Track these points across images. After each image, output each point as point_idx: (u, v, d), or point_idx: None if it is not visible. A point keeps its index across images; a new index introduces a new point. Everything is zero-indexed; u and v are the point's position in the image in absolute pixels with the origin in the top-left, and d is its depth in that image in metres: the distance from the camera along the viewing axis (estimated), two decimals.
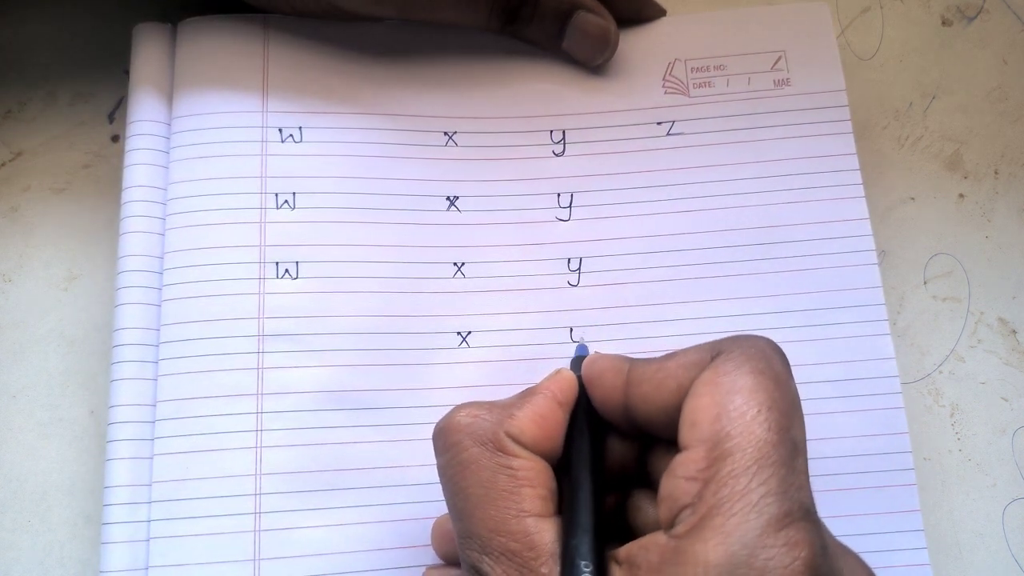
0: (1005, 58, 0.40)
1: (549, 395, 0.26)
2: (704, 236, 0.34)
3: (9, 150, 0.36)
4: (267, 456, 0.31)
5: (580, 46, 0.35)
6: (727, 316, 0.33)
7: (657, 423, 0.24)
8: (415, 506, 0.31)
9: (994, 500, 0.34)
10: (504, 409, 0.25)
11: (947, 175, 0.38)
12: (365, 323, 0.32)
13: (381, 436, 0.31)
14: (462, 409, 0.25)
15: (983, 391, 0.35)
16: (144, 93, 0.34)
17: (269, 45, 0.35)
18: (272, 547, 0.30)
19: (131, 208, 0.33)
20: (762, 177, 0.35)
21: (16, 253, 0.35)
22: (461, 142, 0.34)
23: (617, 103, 0.35)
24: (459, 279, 0.33)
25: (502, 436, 0.24)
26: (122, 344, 0.31)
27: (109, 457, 0.30)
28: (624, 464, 0.26)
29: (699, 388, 0.23)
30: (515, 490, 0.23)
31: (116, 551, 0.29)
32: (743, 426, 0.21)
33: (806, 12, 0.37)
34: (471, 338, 0.33)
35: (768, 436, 0.21)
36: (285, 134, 0.34)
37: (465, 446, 0.24)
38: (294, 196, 0.33)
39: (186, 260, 0.32)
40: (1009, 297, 0.36)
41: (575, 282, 0.33)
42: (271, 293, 0.32)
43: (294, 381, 0.32)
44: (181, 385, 0.31)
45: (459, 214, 0.34)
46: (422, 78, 0.35)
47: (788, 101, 0.35)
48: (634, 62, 0.36)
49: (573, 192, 0.34)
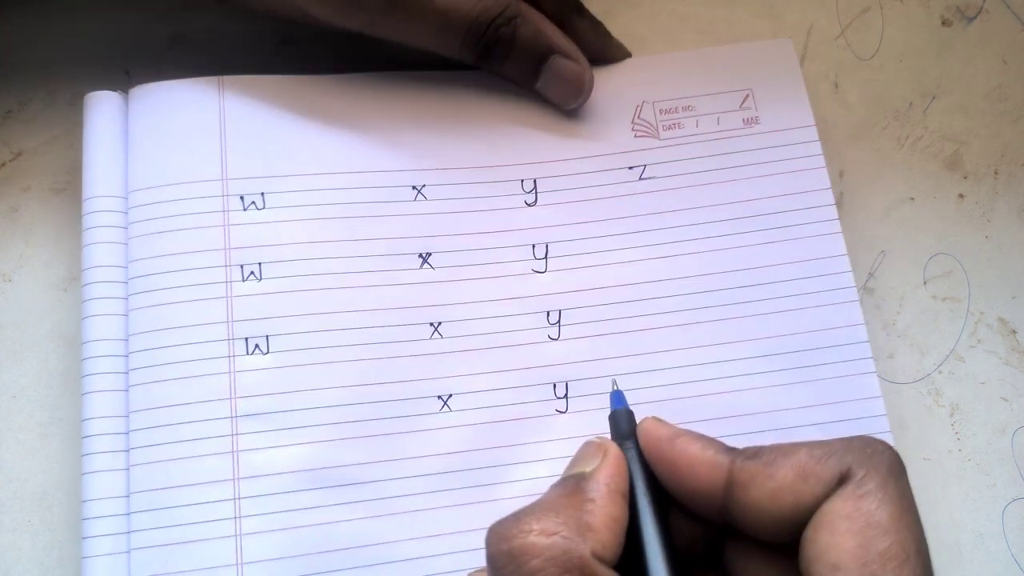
0: (1005, 58, 0.40)
1: (613, 487, 0.22)
2: (682, 282, 0.33)
3: (9, 150, 0.36)
4: (248, 544, 0.30)
5: (554, 89, 0.34)
6: (710, 363, 0.33)
7: (761, 531, 0.22)
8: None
9: (994, 500, 0.34)
10: (574, 518, 0.21)
11: (947, 175, 0.38)
12: (342, 394, 0.31)
13: (366, 512, 0.30)
14: (532, 523, 0.21)
15: (983, 391, 0.35)
16: (98, 167, 0.33)
17: (225, 107, 0.34)
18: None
19: (92, 290, 0.32)
20: (737, 218, 0.34)
21: (16, 253, 0.35)
22: (430, 195, 0.34)
23: (587, 149, 0.35)
24: (436, 340, 0.32)
25: (590, 560, 0.20)
26: (91, 435, 0.30)
27: (85, 555, 0.29)
28: (691, 547, 0.24)
29: (835, 521, 0.20)
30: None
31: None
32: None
33: (771, 49, 0.37)
34: (452, 401, 0.32)
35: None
36: (247, 201, 0.33)
37: (549, 575, 0.20)
38: (260, 266, 0.32)
39: (151, 342, 0.31)
40: (1009, 297, 0.36)
41: (555, 336, 0.33)
42: (242, 371, 0.31)
43: (271, 462, 0.30)
44: (154, 474, 0.30)
45: (432, 271, 0.33)
46: (386, 132, 0.34)
47: (758, 139, 0.35)
48: (602, 105, 0.35)
49: (548, 243, 0.34)
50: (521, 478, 0.31)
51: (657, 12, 0.37)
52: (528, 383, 0.32)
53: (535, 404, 0.32)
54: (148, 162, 0.33)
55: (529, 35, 0.33)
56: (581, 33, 0.35)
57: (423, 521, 0.30)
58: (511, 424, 0.32)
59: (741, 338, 0.33)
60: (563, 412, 0.32)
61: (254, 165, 0.33)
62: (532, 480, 0.31)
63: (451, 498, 0.31)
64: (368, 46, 0.35)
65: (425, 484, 0.31)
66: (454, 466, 0.31)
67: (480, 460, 0.31)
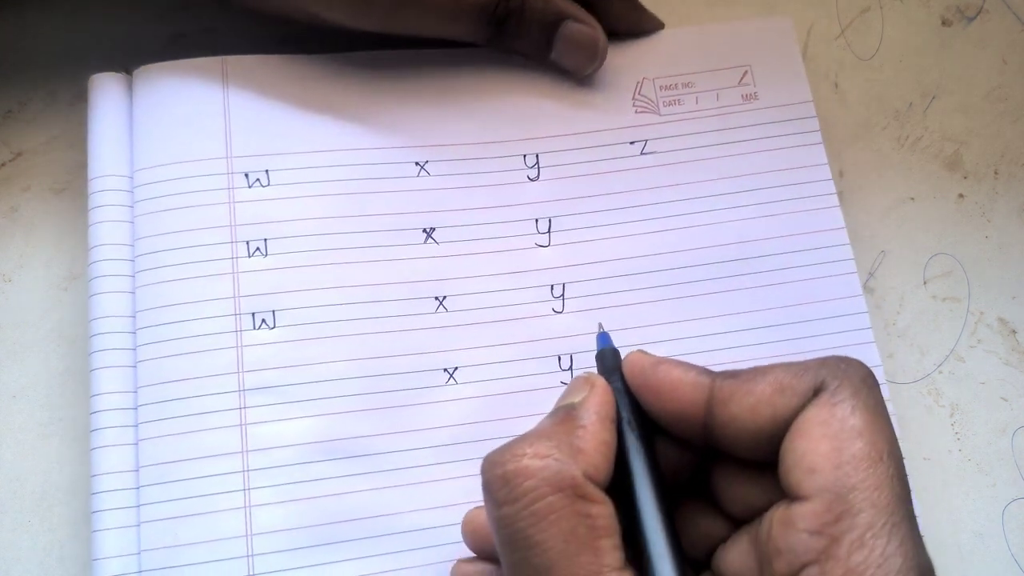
0: (1005, 58, 0.40)
1: (603, 414, 0.23)
2: (683, 255, 0.34)
3: (9, 150, 0.36)
4: (257, 515, 0.30)
5: (569, 56, 0.34)
6: (711, 335, 0.33)
7: (743, 448, 0.23)
8: (415, 553, 0.30)
9: (994, 500, 0.34)
10: (566, 443, 0.22)
11: (947, 175, 0.38)
12: (348, 368, 0.32)
13: (374, 484, 0.31)
14: (525, 448, 0.22)
15: (983, 391, 0.35)
16: (103, 147, 0.33)
17: (229, 87, 0.34)
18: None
19: (99, 268, 0.32)
20: (737, 192, 0.35)
21: (16, 253, 0.35)
22: (434, 171, 0.34)
23: (589, 124, 0.35)
24: (442, 313, 0.33)
25: (581, 480, 0.21)
26: (100, 410, 0.31)
27: (95, 528, 0.30)
28: (677, 473, 0.25)
29: (810, 428, 0.21)
30: (594, 542, 0.21)
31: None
32: (870, 478, 0.20)
33: (770, 27, 0.37)
34: (458, 374, 0.32)
35: (894, 490, 0.20)
36: (252, 178, 0.33)
37: (542, 494, 0.21)
38: (265, 242, 0.32)
39: (159, 318, 0.31)
40: (1009, 297, 0.36)
41: (559, 309, 0.33)
42: (249, 345, 0.31)
43: (279, 435, 0.31)
44: (163, 448, 0.30)
45: (437, 246, 0.33)
46: (389, 109, 0.35)
47: (757, 115, 0.36)
48: (603, 82, 0.36)
49: (551, 217, 0.34)
50: None
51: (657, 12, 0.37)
52: (533, 356, 0.32)
53: (540, 376, 0.32)
54: (153, 141, 0.33)
55: (538, 4, 0.33)
56: (614, 5, 0.35)
57: (430, 492, 0.31)
58: (517, 396, 0.32)
59: (742, 310, 0.33)
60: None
61: (258, 143, 0.33)
62: None
63: (458, 469, 0.31)
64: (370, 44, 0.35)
65: (432, 455, 0.31)
66: (461, 437, 0.31)
67: (486, 432, 0.31)
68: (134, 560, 0.29)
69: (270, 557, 0.30)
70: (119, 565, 0.29)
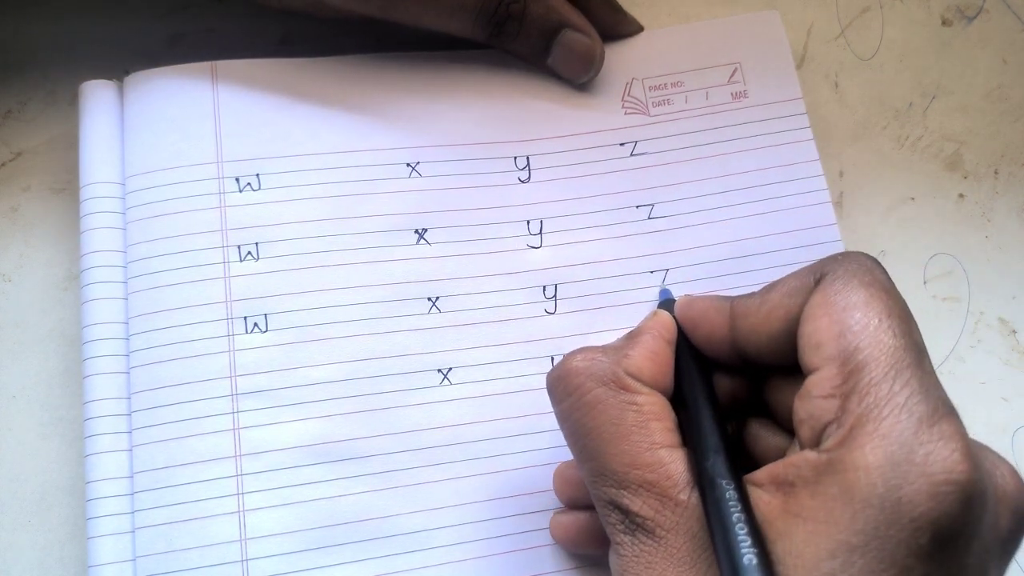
0: (1005, 58, 0.40)
1: (656, 334, 0.27)
2: (675, 255, 0.34)
3: (9, 150, 0.36)
4: (251, 520, 0.30)
5: (565, 64, 0.35)
6: None
7: (768, 353, 0.25)
8: (410, 556, 0.30)
9: None
10: (617, 351, 0.26)
11: (947, 175, 0.38)
12: (342, 370, 0.32)
13: (368, 486, 0.31)
14: (576, 355, 0.26)
15: (983, 391, 0.35)
16: (94, 154, 0.33)
17: (219, 92, 0.34)
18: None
19: (91, 274, 0.32)
20: (728, 191, 0.35)
21: (16, 253, 0.35)
22: (425, 172, 0.34)
23: (579, 126, 0.35)
24: (435, 314, 0.33)
25: (622, 375, 0.25)
26: (94, 416, 0.31)
27: (91, 535, 0.29)
28: (735, 396, 0.27)
29: (813, 311, 0.23)
30: (644, 424, 0.24)
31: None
32: (869, 337, 0.22)
33: (758, 22, 0.37)
34: (452, 374, 0.32)
35: (896, 342, 0.21)
36: (243, 183, 0.33)
37: (588, 388, 0.25)
38: (257, 246, 0.32)
39: (151, 323, 0.31)
40: (1009, 297, 0.36)
41: (552, 309, 0.33)
42: (242, 349, 0.31)
43: (273, 438, 0.31)
44: (157, 454, 0.30)
45: (429, 247, 0.33)
46: (379, 111, 0.35)
47: (747, 113, 0.36)
48: (592, 83, 0.36)
49: (542, 218, 0.34)
50: (522, 450, 0.31)
51: (657, 12, 0.37)
52: (527, 356, 0.32)
53: (534, 377, 0.32)
54: (144, 148, 0.33)
55: (540, 11, 0.33)
56: (593, 8, 0.35)
57: (425, 494, 0.31)
58: (511, 396, 0.32)
59: None
60: None
61: (248, 147, 0.33)
62: (533, 452, 0.31)
63: (452, 470, 0.31)
64: (370, 44, 0.35)
65: (426, 457, 0.31)
66: (455, 439, 0.31)
67: (481, 432, 0.31)
68: (129, 567, 0.29)
69: (265, 561, 0.29)
70: (115, 572, 0.29)
